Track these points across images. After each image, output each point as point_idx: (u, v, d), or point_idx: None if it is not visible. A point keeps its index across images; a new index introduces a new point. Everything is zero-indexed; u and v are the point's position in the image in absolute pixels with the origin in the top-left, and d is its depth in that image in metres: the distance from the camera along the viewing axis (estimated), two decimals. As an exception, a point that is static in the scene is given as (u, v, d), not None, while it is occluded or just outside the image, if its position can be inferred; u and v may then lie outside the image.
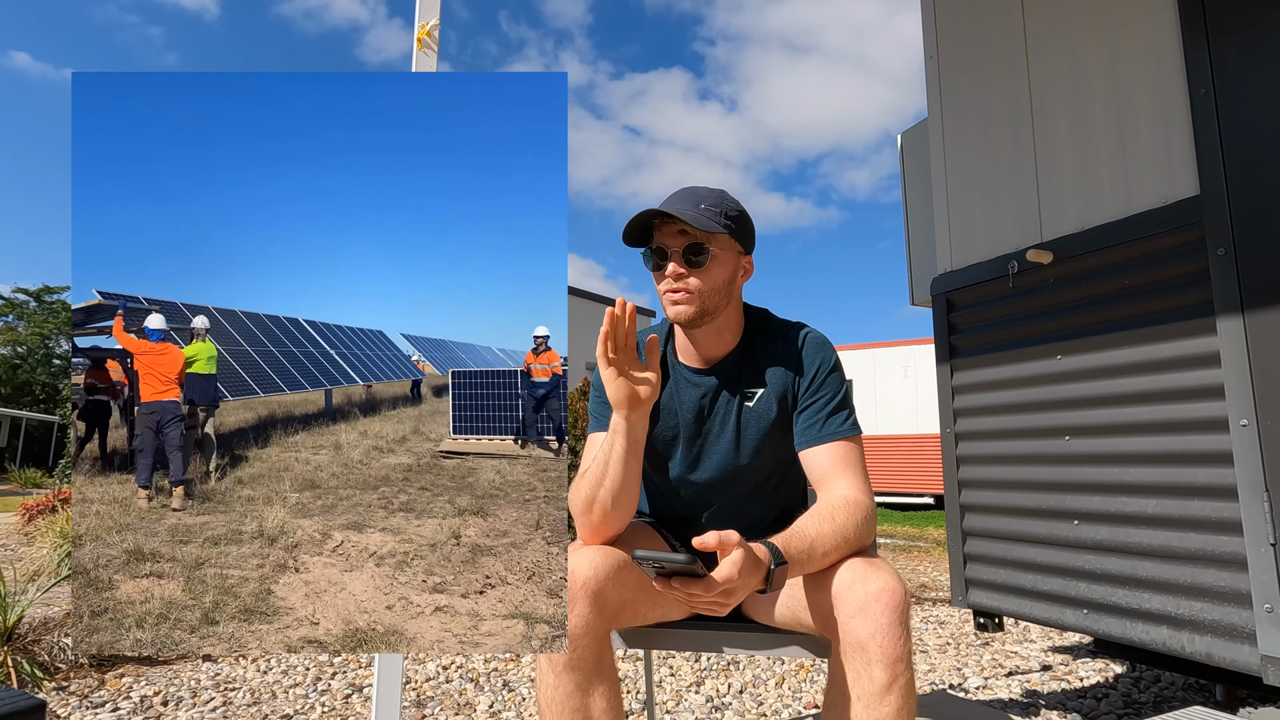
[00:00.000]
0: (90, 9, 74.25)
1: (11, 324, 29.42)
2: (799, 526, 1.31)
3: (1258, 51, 2.00)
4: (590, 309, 14.47)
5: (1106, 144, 2.38)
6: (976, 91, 2.89)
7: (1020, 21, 2.71)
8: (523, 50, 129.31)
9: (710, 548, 1.14)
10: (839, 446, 1.46)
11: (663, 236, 1.47)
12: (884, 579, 1.25)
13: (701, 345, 1.56)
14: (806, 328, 1.59)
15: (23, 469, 18.71)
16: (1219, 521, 2.00)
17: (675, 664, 3.29)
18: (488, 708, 2.74)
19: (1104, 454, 2.33)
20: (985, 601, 2.73)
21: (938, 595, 4.97)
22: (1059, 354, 2.48)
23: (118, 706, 2.68)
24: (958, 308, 2.90)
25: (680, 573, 1.15)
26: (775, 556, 1.23)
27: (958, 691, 3.00)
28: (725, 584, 1.14)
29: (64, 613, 3.55)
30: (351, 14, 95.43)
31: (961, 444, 2.86)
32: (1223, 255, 2.01)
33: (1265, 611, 1.88)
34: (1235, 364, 1.97)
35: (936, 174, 3.06)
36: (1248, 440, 1.93)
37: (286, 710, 2.68)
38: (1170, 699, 2.82)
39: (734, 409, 1.55)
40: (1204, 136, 2.09)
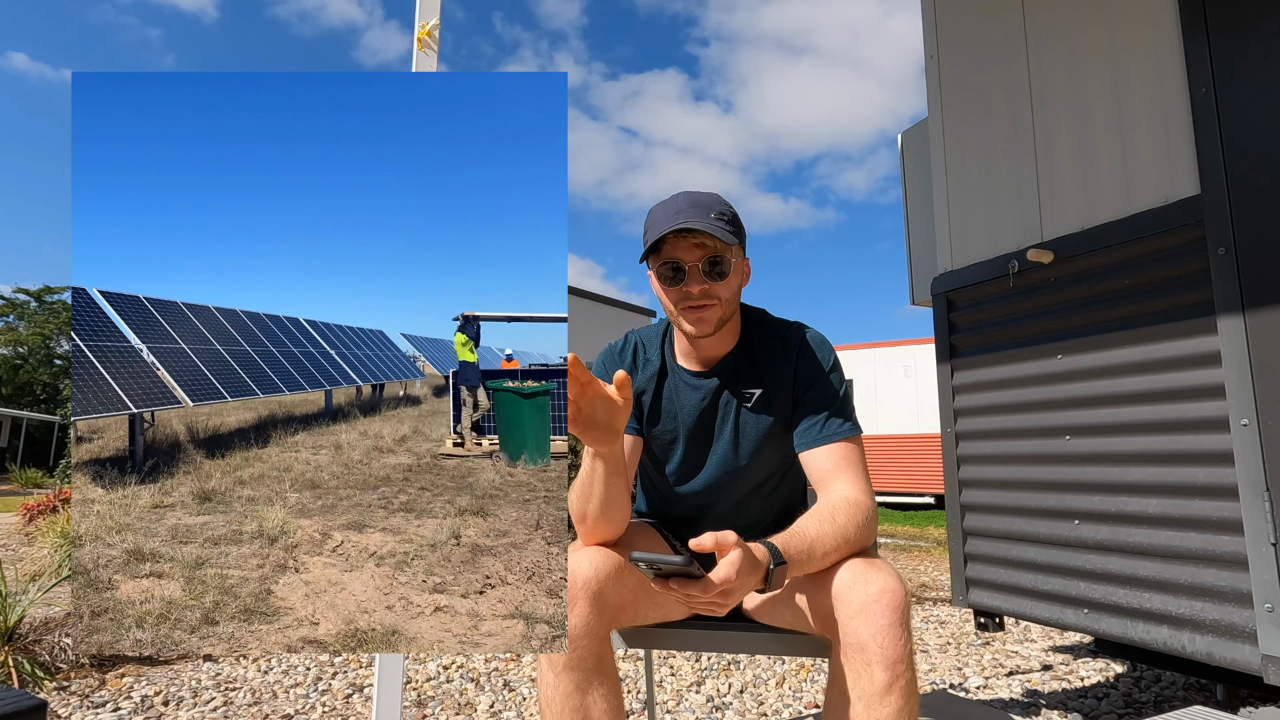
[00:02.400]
0: (87, 10, 74.34)
1: (12, 324, 29.41)
2: (799, 526, 1.31)
3: (1258, 51, 1.99)
4: (590, 309, 14.46)
5: (1107, 144, 2.38)
6: (976, 91, 2.88)
7: (1020, 21, 2.71)
8: (517, 51, 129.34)
9: (707, 549, 1.14)
10: (840, 447, 1.46)
11: (677, 250, 1.44)
12: (885, 580, 1.25)
13: (701, 348, 1.55)
14: (805, 327, 1.59)
15: (23, 469, 18.70)
16: (1220, 521, 2.00)
17: (675, 664, 3.29)
18: (488, 708, 2.74)
19: (1104, 453, 2.32)
20: (986, 601, 2.73)
21: (938, 595, 4.97)
22: (1059, 354, 2.48)
23: (118, 706, 2.68)
24: (958, 307, 2.90)
25: (677, 574, 1.15)
26: (774, 556, 1.22)
27: (958, 691, 3.00)
28: (723, 585, 1.13)
29: (64, 613, 3.55)
30: (348, 15, 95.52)
31: (962, 443, 2.85)
32: (1223, 255, 2.01)
33: (1266, 611, 1.87)
34: (1236, 363, 1.96)
35: (937, 174, 3.06)
36: (1248, 440, 1.93)
37: (287, 710, 2.68)
38: (1171, 699, 2.81)
39: (733, 410, 1.55)
40: (1204, 136, 2.08)
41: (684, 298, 1.45)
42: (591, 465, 1.37)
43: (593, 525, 1.41)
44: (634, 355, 1.62)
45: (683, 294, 1.45)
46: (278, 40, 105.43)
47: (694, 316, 1.46)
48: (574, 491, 1.42)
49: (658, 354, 1.61)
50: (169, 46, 77.18)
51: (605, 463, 1.35)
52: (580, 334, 13.27)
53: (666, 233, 1.40)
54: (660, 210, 1.47)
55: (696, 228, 1.39)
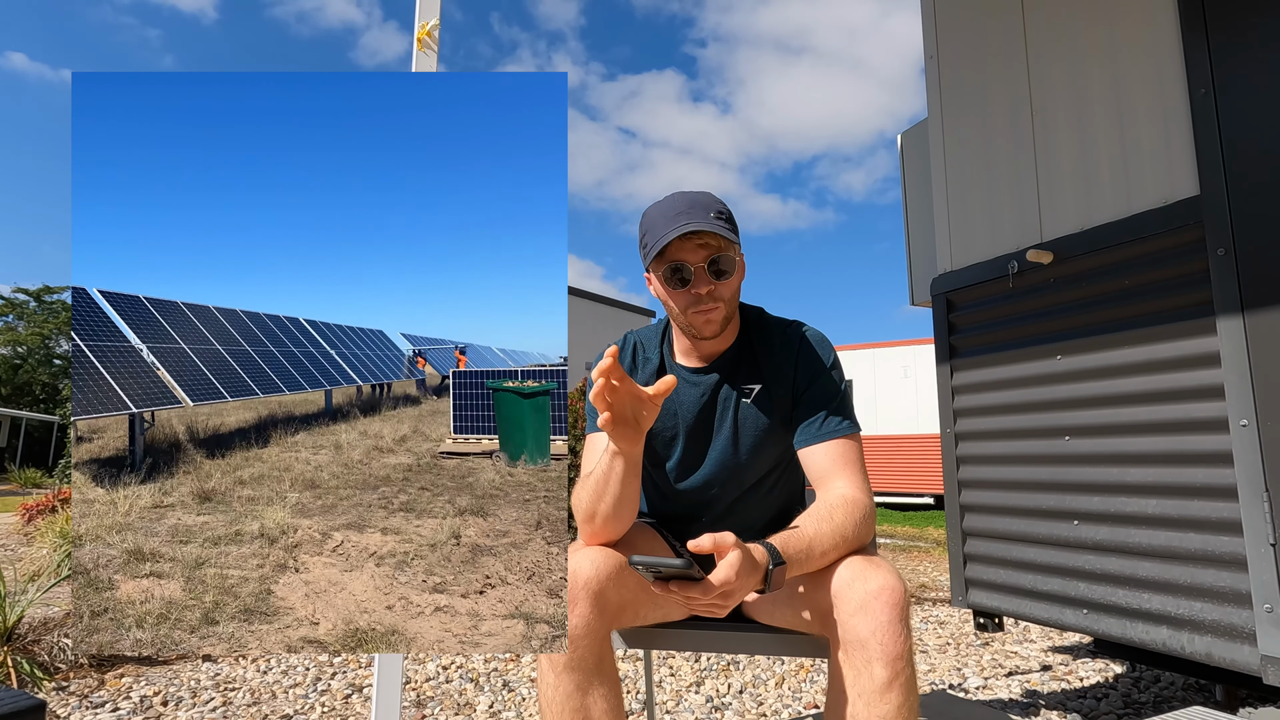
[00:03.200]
0: (86, 10, 74.39)
1: (11, 324, 29.42)
2: (797, 526, 1.31)
3: (1258, 51, 2.00)
4: (589, 309, 14.48)
5: (1106, 144, 2.38)
6: (976, 91, 2.89)
7: (1020, 21, 2.71)
8: (515, 52, 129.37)
9: (706, 550, 1.13)
10: (838, 445, 1.46)
11: (682, 252, 1.43)
12: (883, 577, 1.25)
13: (701, 345, 1.56)
14: (804, 326, 1.59)
15: (23, 469, 18.71)
16: (1219, 521, 2.00)
17: (675, 664, 3.29)
18: (488, 708, 2.74)
19: (1104, 454, 2.33)
20: (985, 601, 2.73)
21: (938, 595, 4.97)
22: (1059, 354, 2.48)
23: (118, 707, 2.68)
24: (958, 308, 2.90)
25: (677, 577, 1.15)
26: (773, 556, 1.22)
27: (958, 691, 3.00)
28: (722, 586, 1.13)
29: (64, 613, 3.55)
30: (347, 16, 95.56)
31: (961, 444, 2.86)
32: (1223, 255, 2.01)
33: (1265, 611, 1.88)
34: (1235, 364, 1.97)
35: (936, 174, 3.06)
36: (1248, 440, 1.93)
37: (286, 710, 2.68)
38: (1170, 699, 2.81)
39: (732, 405, 1.55)
40: (1204, 136, 2.09)
41: (693, 301, 1.45)
42: (610, 464, 1.36)
43: (601, 525, 1.41)
44: (633, 355, 1.62)
45: (692, 297, 1.45)
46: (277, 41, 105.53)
47: (703, 319, 1.46)
48: (583, 490, 1.42)
49: (656, 353, 1.61)
50: (168, 47, 77.23)
51: (626, 461, 1.35)
52: (580, 334, 13.27)
53: (673, 237, 1.39)
54: (658, 213, 1.46)
55: (701, 228, 1.39)
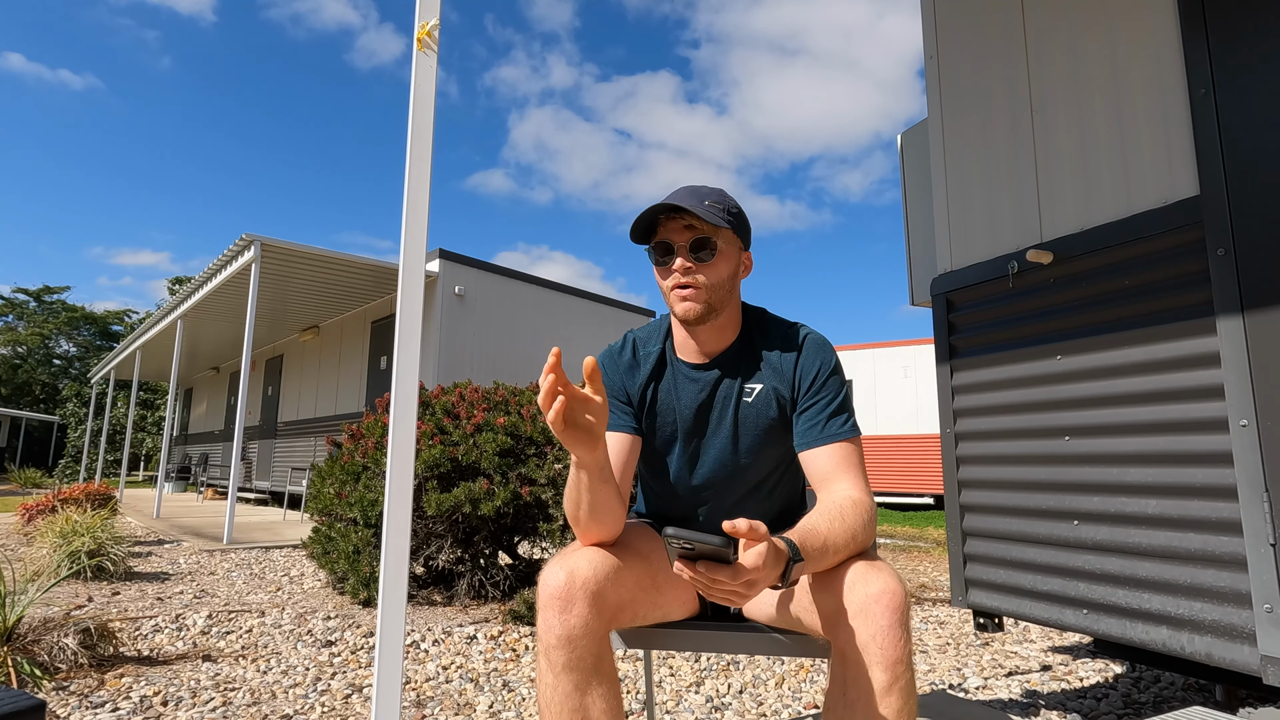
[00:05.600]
0: (83, 11, 74.28)
1: (11, 324, 29.42)
2: (812, 524, 1.30)
3: (1258, 51, 2.00)
4: (589, 309, 14.49)
5: (1106, 144, 2.38)
6: (976, 91, 2.89)
7: (1020, 21, 2.71)
8: (510, 54, 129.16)
9: (742, 534, 1.10)
10: (840, 448, 1.46)
11: (668, 232, 1.48)
12: (885, 580, 1.25)
13: (702, 341, 1.56)
14: (806, 328, 1.59)
15: (23, 469, 18.71)
16: (1219, 522, 2.00)
17: (675, 664, 3.29)
18: (488, 708, 2.74)
19: (1104, 454, 2.33)
20: (985, 601, 2.73)
21: (938, 595, 4.97)
22: (1059, 354, 2.48)
23: (117, 707, 2.67)
24: (958, 308, 2.90)
25: (710, 556, 1.12)
26: (793, 552, 1.22)
27: (957, 692, 3.00)
28: (751, 572, 1.12)
29: (64, 612, 3.55)
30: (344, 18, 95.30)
31: (961, 444, 2.86)
32: (1223, 255, 2.01)
33: (1265, 611, 1.88)
34: (1235, 364, 1.96)
35: (936, 174, 3.06)
36: (1247, 440, 1.93)
37: (286, 710, 2.68)
38: (1170, 699, 2.81)
39: (732, 403, 1.55)
40: (1204, 136, 2.09)
41: (674, 281, 1.48)
42: (575, 473, 1.35)
43: (586, 528, 1.41)
44: (633, 352, 1.63)
45: (672, 276, 1.48)
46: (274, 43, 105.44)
47: (681, 300, 1.48)
48: (567, 495, 1.42)
49: (658, 347, 1.61)
50: (166, 48, 77.28)
51: (589, 470, 1.32)
52: (580, 334, 13.27)
53: (656, 214, 1.45)
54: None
55: (683, 207, 1.42)
